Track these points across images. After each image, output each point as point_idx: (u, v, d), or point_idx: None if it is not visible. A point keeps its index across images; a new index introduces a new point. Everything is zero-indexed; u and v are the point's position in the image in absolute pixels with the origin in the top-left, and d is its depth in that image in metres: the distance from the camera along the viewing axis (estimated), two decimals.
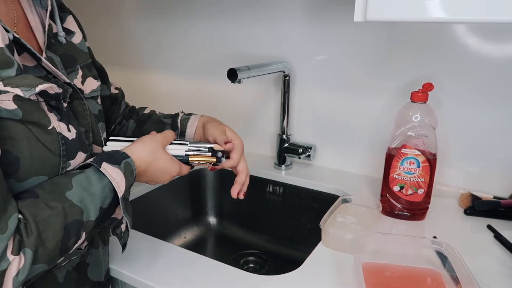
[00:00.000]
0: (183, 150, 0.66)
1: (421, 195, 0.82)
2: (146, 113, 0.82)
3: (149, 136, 0.63)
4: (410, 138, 0.81)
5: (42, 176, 0.50)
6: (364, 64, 0.99)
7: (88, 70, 0.64)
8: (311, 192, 1.02)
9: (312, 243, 0.76)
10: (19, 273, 0.43)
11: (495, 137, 0.89)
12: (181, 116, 0.78)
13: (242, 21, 1.13)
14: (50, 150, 0.50)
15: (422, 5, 0.56)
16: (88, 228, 0.51)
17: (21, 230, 0.44)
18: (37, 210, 0.46)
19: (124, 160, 0.55)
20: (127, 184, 0.54)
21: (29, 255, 0.44)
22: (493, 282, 0.64)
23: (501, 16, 0.53)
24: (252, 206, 1.12)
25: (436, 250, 0.67)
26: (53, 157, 0.50)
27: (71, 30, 0.63)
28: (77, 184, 0.50)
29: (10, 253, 0.43)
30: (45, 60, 0.52)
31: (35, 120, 0.48)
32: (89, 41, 0.68)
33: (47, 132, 0.50)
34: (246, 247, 1.09)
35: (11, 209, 0.44)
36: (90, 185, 0.50)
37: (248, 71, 0.87)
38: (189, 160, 0.66)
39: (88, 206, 0.50)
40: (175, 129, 0.76)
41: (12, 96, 0.46)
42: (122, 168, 0.54)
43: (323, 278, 0.65)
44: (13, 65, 0.47)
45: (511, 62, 0.84)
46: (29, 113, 0.47)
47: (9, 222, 0.43)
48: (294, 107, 1.12)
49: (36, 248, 0.45)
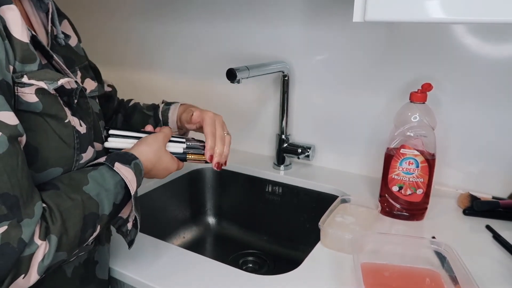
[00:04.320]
0: (181, 148, 0.70)
1: (420, 195, 0.82)
2: (131, 105, 0.85)
3: (152, 137, 0.66)
4: (409, 138, 0.81)
5: (58, 168, 0.52)
6: (363, 64, 0.99)
7: (86, 71, 0.66)
8: (310, 192, 1.02)
9: (311, 243, 0.76)
10: (44, 258, 0.45)
11: (494, 138, 0.90)
12: (161, 108, 0.80)
13: (241, 21, 1.13)
14: (66, 142, 0.52)
15: (421, 6, 0.56)
16: (103, 222, 0.53)
17: (46, 218, 0.46)
18: (60, 200, 0.48)
19: (134, 161, 0.58)
20: (138, 183, 0.58)
21: (54, 242, 0.46)
22: (492, 282, 0.64)
23: (501, 16, 0.53)
24: (251, 206, 1.12)
25: (435, 250, 0.67)
26: (68, 149, 0.53)
27: (67, 34, 0.64)
28: (92, 179, 0.52)
29: (37, 238, 0.44)
30: (56, 58, 0.54)
31: (54, 113, 0.50)
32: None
33: (64, 125, 0.52)
34: (245, 247, 1.09)
35: (36, 196, 0.46)
36: (104, 181, 0.53)
37: (247, 71, 0.87)
38: (187, 158, 0.70)
39: (103, 201, 0.52)
40: (158, 121, 0.79)
41: (35, 89, 0.48)
42: (133, 168, 0.57)
43: (322, 278, 0.65)
44: (35, 60, 0.49)
45: (510, 62, 0.84)
46: (48, 106, 0.50)
47: (35, 208, 0.45)
48: (293, 107, 1.12)
49: (61, 236, 0.47)
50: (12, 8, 0.47)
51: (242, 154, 1.21)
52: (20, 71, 0.47)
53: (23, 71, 0.48)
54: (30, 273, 0.44)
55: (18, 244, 0.42)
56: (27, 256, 0.43)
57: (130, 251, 0.71)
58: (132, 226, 0.61)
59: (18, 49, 0.47)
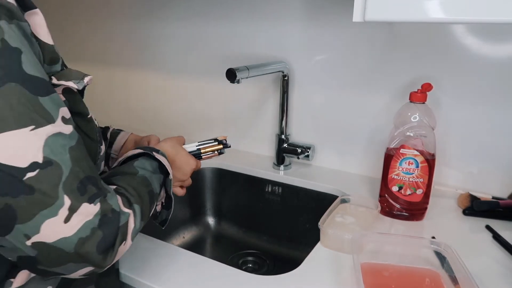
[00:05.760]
0: (194, 146, 0.77)
1: (420, 195, 0.82)
2: None
3: (165, 138, 0.73)
4: (409, 139, 0.81)
5: None
6: (362, 64, 0.99)
7: None
8: (310, 192, 1.02)
9: (310, 243, 0.76)
10: (135, 225, 0.50)
11: (494, 138, 0.90)
12: (111, 130, 0.82)
13: (241, 21, 1.13)
14: (90, 137, 0.55)
15: (421, 5, 0.56)
16: (157, 200, 0.59)
17: (123, 192, 0.51)
18: (127, 180, 0.54)
19: (161, 151, 0.64)
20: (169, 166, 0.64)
21: (138, 210, 0.51)
22: (492, 282, 0.64)
23: (501, 16, 0.53)
24: (251, 206, 1.12)
25: (435, 250, 0.67)
26: (93, 143, 0.55)
27: None
28: (138, 167, 0.58)
29: (124, 207, 0.49)
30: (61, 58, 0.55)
31: (79, 110, 0.53)
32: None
33: (87, 120, 0.54)
34: (245, 247, 1.09)
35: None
36: (148, 166, 0.59)
37: (247, 71, 0.87)
38: (201, 152, 0.76)
39: (153, 181, 0.58)
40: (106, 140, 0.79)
41: (62, 89, 0.50)
42: (164, 155, 0.63)
43: (322, 278, 0.65)
44: (59, 61, 0.51)
45: (510, 62, 0.84)
46: (74, 105, 0.51)
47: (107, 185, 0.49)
48: (293, 107, 1.12)
49: (140, 205, 0.52)
50: (37, 12, 0.48)
51: (242, 154, 1.21)
52: (48, 73, 0.48)
53: (50, 72, 0.49)
54: (127, 239, 0.49)
55: (113, 214, 0.46)
56: (123, 224, 0.47)
57: (129, 251, 0.72)
58: (162, 208, 0.66)
59: (46, 52, 0.48)
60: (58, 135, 0.42)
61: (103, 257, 0.45)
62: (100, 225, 0.44)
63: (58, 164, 0.41)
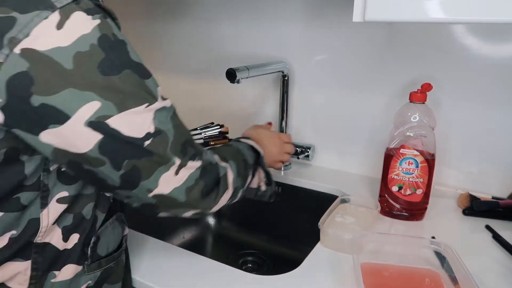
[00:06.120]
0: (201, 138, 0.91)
1: (420, 195, 0.82)
2: None
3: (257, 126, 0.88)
4: (408, 139, 0.81)
5: None
6: (362, 64, 0.99)
7: None
8: (309, 192, 1.02)
9: (310, 243, 0.76)
10: (234, 177, 0.60)
11: (493, 138, 0.90)
12: None
13: (241, 22, 1.13)
14: None
15: (421, 5, 0.56)
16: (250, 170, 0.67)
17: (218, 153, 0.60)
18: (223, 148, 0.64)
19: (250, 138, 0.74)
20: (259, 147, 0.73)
21: (233, 165, 0.61)
22: (492, 282, 0.64)
23: (501, 16, 0.53)
24: (251, 206, 1.12)
25: (435, 250, 0.67)
26: None
27: None
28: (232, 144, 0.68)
29: (221, 162, 0.58)
30: None
31: None
32: None
33: None
34: (245, 247, 1.09)
35: None
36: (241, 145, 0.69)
37: (247, 71, 0.87)
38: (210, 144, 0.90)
39: (246, 155, 0.67)
40: None
41: None
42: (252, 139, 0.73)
43: (322, 278, 0.65)
44: None
45: (509, 62, 0.84)
46: None
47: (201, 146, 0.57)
48: (293, 107, 1.12)
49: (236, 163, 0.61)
50: None
51: None
52: None
53: None
54: (229, 188, 0.59)
55: (211, 166, 0.55)
56: (223, 175, 0.57)
57: (129, 251, 0.72)
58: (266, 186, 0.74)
59: None
60: (163, 109, 0.49)
61: (207, 202, 0.55)
62: (202, 176, 0.53)
63: (165, 132, 0.48)
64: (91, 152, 0.44)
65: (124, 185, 0.48)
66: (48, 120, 0.41)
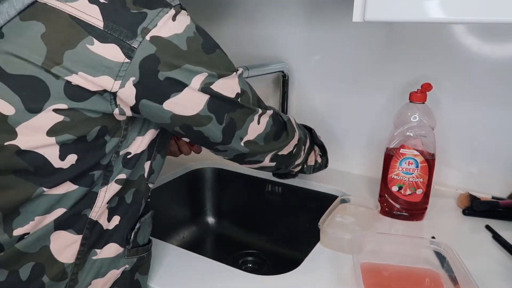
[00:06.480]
0: None
1: (420, 195, 0.82)
2: None
3: None
4: (408, 139, 0.81)
5: None
6: (362, 64, 0.99)
7: None
8: (309, 192, 1.02)
9: (310, 243, 0.76)
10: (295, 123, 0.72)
11: (493, 138, 0.90)
12: None
13: (240, 22, 1.13)
14: None
15: (421, 5, 0.56)
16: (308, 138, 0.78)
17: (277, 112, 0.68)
18: None
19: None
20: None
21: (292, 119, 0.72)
22: (492, 282, 0.64)
23: (501, 16, 0.53)
24: (251, 206, 1.12)
25: (435, 250, 0.67)
26: None
27: None
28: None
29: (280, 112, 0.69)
30: None
31: None
32: None
33: None
34: (245, 247, 1.09)
35: None
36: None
37: (246, 71, 0.88)
38: None
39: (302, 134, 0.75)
40: None
41: None
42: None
43: (322, 278, 0.65)
44: None
45: (510, 62, 0.84)
46: None
47: None
48: (293, 107, 1.11)
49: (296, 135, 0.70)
50: None
51: None
52: None
53: None
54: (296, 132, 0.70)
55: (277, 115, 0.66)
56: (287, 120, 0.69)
57: None
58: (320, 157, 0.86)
59: None
60: (241, 75, 0.59)
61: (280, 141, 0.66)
62: (273, 122, 0.64)
63: (247, 92, 0.59)
64: (202, 111, 0.53)
65: (224, 139, 0.58)
66: (171, 90, 0.50)
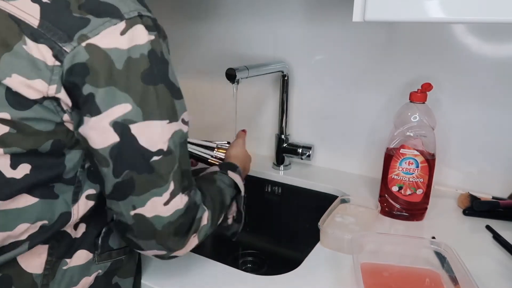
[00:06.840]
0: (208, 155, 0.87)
1: (420, 195, 0.82)
2: None
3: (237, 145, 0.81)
4: (408, 138, 0.80)
5: None
6: (362, 64, 0.99)
7: None
8: (309, 192, 1.02)
9: (310, 243, 0.76)
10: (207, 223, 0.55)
11: (494, 138, 0.89)
12: None
13: (240, 21, 1.13)
14: None
15: (421, 5, 0.56)
16: (225, 210, 0.64)
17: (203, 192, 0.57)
18: (207, 185, 0.61)
19: (238, 169, 0.71)
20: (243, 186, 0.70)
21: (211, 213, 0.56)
22: (492, 282, 0.64)
23: (501, 16, 0.53)
24: (251, 206, 1.12)
25: (435, 251, 0.67)
26: None
27: None
28: (217, 180, 0.64)
29: (203, 204, 0.55)
30: None
31: None
32: None
33: None
34: (245, 247, 1.09)
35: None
36: (226, 180, 0.66)
37: (246, 71, 0.87)
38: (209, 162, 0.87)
39: (226, 194, 0.64)
40: None
41: None
42: (239, 173, 0.70)
43: (322, 278, 0.65)
44: None
45: (510, 62, 0.84)
46: None
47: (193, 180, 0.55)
48: (293, 107, 1.11)
49: (213, 210, 0.57)
50: None
51: None
52: None
53: None
54: (197, 234, 0.54)
55: (194, 206, 0.53)
56: (199, 217, 0.54)
57: None
58: (233, 221, 0.70)
59: None
60: (180, 132, 0.51)
61: (176, 242, 0.52)
62: (184, 214, 0.51)
63: (175, 155, 0.49)
64: (102, 150, 0.47)
65: (113, 194, 0.49)
66: (86, 110, 0.45)
